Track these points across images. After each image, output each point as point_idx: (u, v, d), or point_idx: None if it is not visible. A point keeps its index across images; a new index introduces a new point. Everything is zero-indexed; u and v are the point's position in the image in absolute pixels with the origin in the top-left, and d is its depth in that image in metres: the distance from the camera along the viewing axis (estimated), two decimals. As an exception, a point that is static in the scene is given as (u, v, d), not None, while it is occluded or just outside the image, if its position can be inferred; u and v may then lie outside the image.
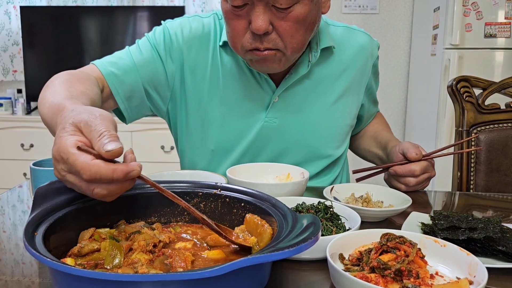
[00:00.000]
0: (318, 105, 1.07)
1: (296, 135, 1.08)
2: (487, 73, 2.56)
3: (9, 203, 0.94)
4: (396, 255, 0.57)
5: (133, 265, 0.53)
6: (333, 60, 1.07)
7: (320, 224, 0.50)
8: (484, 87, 1.29)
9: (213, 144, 1.08)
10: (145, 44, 1.05)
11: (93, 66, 1.03)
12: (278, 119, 1.06)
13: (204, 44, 1.05)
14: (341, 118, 1.10)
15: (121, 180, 0.52)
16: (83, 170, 0.51)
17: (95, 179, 0.52)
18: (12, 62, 3.41)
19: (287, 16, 0.85)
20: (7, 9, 3.33)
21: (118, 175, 0.52)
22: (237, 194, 0.67)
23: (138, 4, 3.36)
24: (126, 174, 0.52)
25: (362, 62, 1.11)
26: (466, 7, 2.57)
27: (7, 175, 3.11)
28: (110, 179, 0.52)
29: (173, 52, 1.04)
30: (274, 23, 0.86)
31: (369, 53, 1.12)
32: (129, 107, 1.04)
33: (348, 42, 1.09)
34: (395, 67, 3.43)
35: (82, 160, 0.51)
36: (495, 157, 1.27)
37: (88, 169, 0.51)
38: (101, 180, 0.52)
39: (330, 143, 1.11)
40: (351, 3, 3.36)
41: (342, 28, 1.11)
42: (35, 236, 0.51)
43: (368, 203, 0.86)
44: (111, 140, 0.52)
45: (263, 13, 0.84)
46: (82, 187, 0.54)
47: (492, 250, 0.65)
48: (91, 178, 0.51)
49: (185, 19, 1.08)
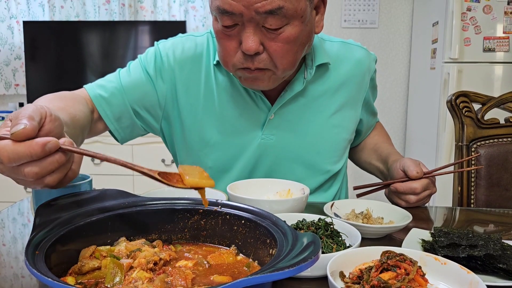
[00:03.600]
0: (315, 121, 1.08)
1: (294, 152, 1.08)
2: (486, 87, 2.57)
3: (9, 216, 0.94)
4: (396, 273, 0.57)
5: (134, 283, 0.53)
6: (329, 76, 1.07)
7: (320, 243, 0.50)
8: (483, 102, 1.30)
9: (210, 161, 1.09)
10: (135, 66, 1.07)
11: (83, 89, 1.06)
12: (275, 136, 1.06)
13: (196, 63, 1.06)
14: (338, 133, 1.11)
15: (41, 153, 0.53)
16: (0, 154, 0.52)
17: (14, 159, 0.52)
18: (14, 76, 3.44)
19: (277, 37, 0.85)
20: (10, 24, 3.37)
21: (35, 148, 0.52)
22: (237, 211, 0.67)
23: (140, 19, 3.39)
24: (43, 146, 0.53)
25: (359, 77, 1.11)
26: (465, 22, 2.60)
27: (8, 189, 3.11)
28: (28, 155, 0.52)
29: (164, 72, 1.05)
30: (265, 44, 0.86)
31: (366, 68, 1.12)
32: (120, 128, 1.07)
33: (345, 57, 1.09)
34: (395, 81, 3.45)
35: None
36: (495, 172, 1.28)
37: (5, 150, 0.52)
38: (21, 159, 0.52)
39: (328, 158, 1.11)
40: (351, 17, 3.40)
41: (338, 44, 1.10)
42: (36, 254, 0.52)
43: (369, 219, 0.86)
44: (18, 123, 0.53)
45: (253, 34, 0.84)
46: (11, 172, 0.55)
47: (492, 268, 0.65)
48: (10, 158, 0.52)
49: (178, 39, 1.09)
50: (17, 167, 0.54)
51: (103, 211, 0.66)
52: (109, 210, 0.66)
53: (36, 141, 0.53)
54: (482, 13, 2.60)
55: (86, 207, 0.65)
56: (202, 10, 3.37)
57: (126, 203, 0.69)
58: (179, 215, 0.70)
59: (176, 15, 3.38)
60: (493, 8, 2.59)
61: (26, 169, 0.54)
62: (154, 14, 3.37)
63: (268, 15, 0.81)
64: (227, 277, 0.59)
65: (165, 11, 3.37)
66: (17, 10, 3.36)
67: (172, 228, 0.70)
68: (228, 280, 0.58)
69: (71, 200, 0.66)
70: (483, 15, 2.60)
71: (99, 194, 0.69)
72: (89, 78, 3.34)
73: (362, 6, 3.38)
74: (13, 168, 0.54)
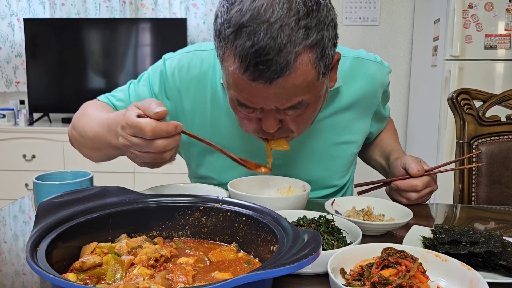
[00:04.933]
0: (323, 141, 1.05)
1: (301, 171, 1.05)
2: (487, 84, 2.57)
3: (10, 213, 0.94)
4: (397, 270, 0.57)
5: (135, 280, 0.54)
6: (341, 96, 1.03)
7: (321, 239, 0.51)
8: (485, 100, 1.29)
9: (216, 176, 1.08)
10: (144, 82, 1.07)
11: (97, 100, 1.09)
12: (283, 156, 1.02)
13: (202, 82, 1.02)
14: (347, 149, 1.08)
15: (173, 132, 0.70)
16: (146, 127, 0.69)
17: (154, 133, 0.69)
18: (15, 74, 3.44)
19: (297, 118, 0.82)
20: (11, 21, 3.37)
21: (171, 127, 0.70)
22: (238, 208, 0.67)
23: (141, 16, 3.39)
24: (176, 127, 0.71)
25: (372, 93, 1.06)
26: (466, 19, 2.59)
27: (9, 186, 3.12)
28: (165, 131, 0.69)
29: (169, 91, 1.03)
30: (284, 120, 0.83)
31: (379, 83, 1.06)
32: None
33: (357, 74, 1.04)
34: (396, 78, 3.44)
35: (144, 121, 0.69)
36: (496, 169, 1.27)
37: (150, 125, 0.69)
38: (159, 133, 0.69)
39: (335, 174, 1.09)
40: (352, 15, 3.39)
41: (351, 59, 1.04)
42: (38, 251, 0.52)
43: (370, 216, 0.87)
44: (157, 106, 0.71)
45: (273, 117, 0.81)
46: (145, 144, 0.70)
47: (493, 265, 0.65)
48: (153, 132, 0.68)
49: (184, 56, 1.04)
50: (152, 140, 0.70)
51: (104, 208, 0.66)
52: (110, 207, 0.67)
53: (171, 122, 0.71)
54: (484, 10, 2.59)
55: (87, 204, 0.66)
56: (203, 8, 3.36)
57: (127, 200, 0.69)
58: (180, 212, 0.70)
59: (176, 12, 3.37)
60: (494, 6, 2.59)
61: (159, 142, 0.70)
62: (155, 11, 3.37)
63: (288, 109, 0.79)
64: (228, 274, 0.59)
65: (166, 9, 3.36)
66: (18, 8, 3.36)
67: (173, 225, 0.70)
68: (229, 277, 0.58)
69: (72, 197, 0.66)
70: (484, 12, 2.59)
71: (100, 191, 0.70)
72: (89, 75, 3.34)
73: (363, 4, 3.37)
74: (147, 142, 0.70)
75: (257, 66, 0.70)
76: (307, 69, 0.73)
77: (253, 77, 0.71)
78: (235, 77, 0.75)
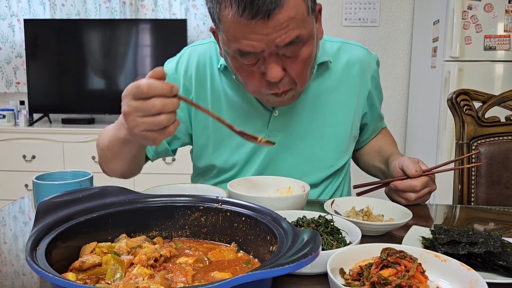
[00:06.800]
0: (318, 118, 1.09)
1: (299, 148, 1.09)
2: (487, 85, 2.57)
3: (10, 214, 0.94)
4: (396, 270, 0.57)
5: (134, 280, 0.54)
6: (330, 74, 1.09)
7: (320, 239, 0.51)
8: (484, 100, 1.29)
9: (219, 162, 1.12)
10: None
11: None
12: (280, 133, 1.08)
13: (201, 73, 1.10)
14: (341, 129, 1.12)
15: (168, 90, 0.72)
16: (141, 83, 0.71)
17: (150, 88, 0.71)
18: (15, 74, 3.44)
19: (296, 60, 0.89)
20: (11, 22, 3.37)
21: (166, 85, 0.72)
22: (238, 208, 0.67)
23: (141, 17, 3.39)
24: (172, 87, 0.72)
25: (360, 73, 1.12)
26: (466, 20, 2.60)
27: (9, 187, 3.12)
28: (160, 88, 0.71)
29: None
30: (286, 68, 0.90)
31: (366, 65, 1.13)
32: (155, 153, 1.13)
33: (345, 56, 1.11)
34: (396, 79, 3.45)
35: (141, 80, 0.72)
36: (495, 170, 1.27)
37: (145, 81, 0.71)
38: (155, 89, 0.71)
39: (332, 154, 1.13)
40: (351, 16, 3.40)
41: (338, 43, 1.13)
42: (37, 250, 0.52)
43: (369, 216, 0.87)
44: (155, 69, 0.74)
45: (276, 63, 0.87)
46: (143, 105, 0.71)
47: (492, 265, 0.65)
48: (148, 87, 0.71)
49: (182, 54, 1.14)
50: (148, 99, 0.71)
51: (104, 208, 0.66)
52: (109, 206, 0.67)
53: (166, 82, 0.72)
54: (483, 11, 2.59)
55: (87, 204, 0.66)
56: (203, 8, 3.36)
57: (127, 200, 0.69)
58: (179, 212, 0.70)
59: (177, 13, 3.37)
60: (494, 7, 2.59)
61: (156, 101, 0.71)
62: (155, 12, 3.37)
63: (288, 46, 0.85)
64: (227, 274, 0.59)
65: (166, 9, 3.36)
66: (18, 8, 3.36)
67: (172, 225, 0.70)
68: (229, 277, 0.58)
69: (72, 197, 0.66)
70: (484, 13, 2.59)
71: (99, 191, 0.70)
72: (89, 76, 3.34)
73: (363, 5, 3.38)
74: (145, 103, 0.71)
75: (253, 3, 0.78)
76: (297, 3, 0.82)
77: (252, 14, 0.79)
78: (235, 24, 0.82)
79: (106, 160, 1.03)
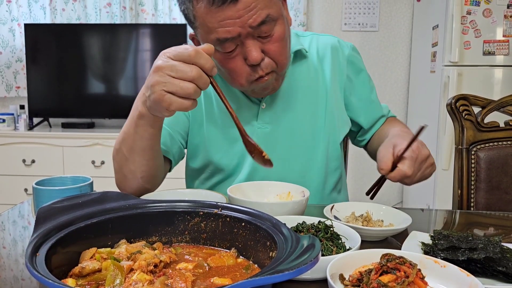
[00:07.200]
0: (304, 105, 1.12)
1: (289, 136, 1.11)
2: (486, 90, 2.58)
3: (9, 218, 0.94)
4: (396, 276, 0.57)
5: (134, 285, 0.54)
6: (306, 61, 1.15)
7: (320, 245, 0.51)
8: (483, 106, 1.30)
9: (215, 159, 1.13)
10: None
11: None
12: (269, 124, 1.10)
13: None
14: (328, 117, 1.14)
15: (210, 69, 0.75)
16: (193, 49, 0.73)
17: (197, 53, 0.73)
18: (15, 79, 3.45)
19: (271, 39, 0.94)
20: (12, 27, 3.38)
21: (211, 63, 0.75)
22: (238, 214, 0.67)
23: (141, 21, 3.40)
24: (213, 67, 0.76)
25: (332, 57, 1.16)
26: (465, 25, 2.61)
27: (9, 191, 3.11)
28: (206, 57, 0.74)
29: None
30: (264, 49, 0.94)
31: (339, 51, 1.18)
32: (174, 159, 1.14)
33: (317, 45, 1.18)
34: (395, 84, 3.45)
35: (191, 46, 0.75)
36: (495, 175, 1.28)
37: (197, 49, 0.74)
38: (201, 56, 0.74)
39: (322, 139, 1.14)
40: (351, 21, 3.41)
41: (310, 36, 1.20)
42: (37, 256, 0.52)
43: (369, 222, 0.87)
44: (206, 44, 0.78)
45: (253, 45, 0.92)
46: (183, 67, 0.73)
47: (492, 271, 0.65)
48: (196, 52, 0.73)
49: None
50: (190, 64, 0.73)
51: (104, 213, 0.66)
52: (109, 212, 0.67)
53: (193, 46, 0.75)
54: (482, 16, 2.60)
55: (87, 209, 0.66)
56: (202, 13, 3.37)
57: (127, 205, 0.69)
58: (179, 217, 0.70)
59: (177, 18, 3.39)
60: (493, 12, 2.60)
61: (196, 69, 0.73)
62: (155, 17, 3.38)
63: (261, 26, 0.90)
64: (227, 280, 0.59)
65: (166, 14, 3.38)
66: (19, 13, 3.37)
67: (172, 231, 0.70)
68: (228, 283, 0.58)
69: (72, 202, 0.66)
70: (483, 18, 2.60)
71: (99, 196, 0.70)
72: (89, 80, 3.34)
73: (363, 10, 3.39)
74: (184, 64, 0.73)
75: None
76: None
77: (222, 0, 0.85)
78: (209, 15, 0.88)
79: (123, 160, 0.96)
